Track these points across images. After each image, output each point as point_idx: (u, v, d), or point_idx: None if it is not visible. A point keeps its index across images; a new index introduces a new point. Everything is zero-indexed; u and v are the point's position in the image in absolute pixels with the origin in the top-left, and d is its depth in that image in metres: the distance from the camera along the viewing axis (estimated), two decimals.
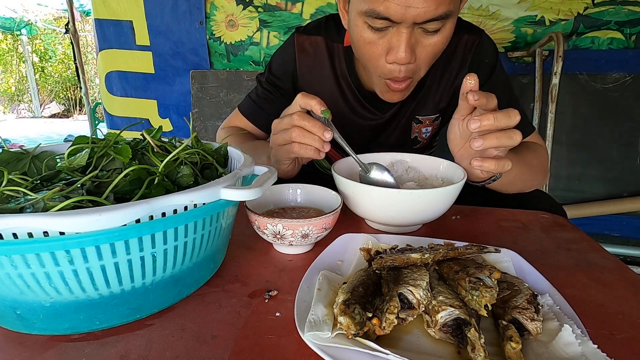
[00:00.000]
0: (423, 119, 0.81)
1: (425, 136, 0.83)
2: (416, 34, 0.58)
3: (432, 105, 0.79)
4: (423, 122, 0.81)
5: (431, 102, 0.78)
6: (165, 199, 0.31)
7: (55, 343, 0.33)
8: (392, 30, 0.58)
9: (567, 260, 0.47)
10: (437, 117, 0.81)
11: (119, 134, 0.45)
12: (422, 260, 0.38)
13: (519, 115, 0.49)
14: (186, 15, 1.86)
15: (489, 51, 0.75)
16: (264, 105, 0.84)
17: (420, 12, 0.53)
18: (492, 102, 0.49)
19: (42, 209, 0.31)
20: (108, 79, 2.03)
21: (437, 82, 0.77)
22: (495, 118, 0.47)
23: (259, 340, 0.33)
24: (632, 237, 1.63)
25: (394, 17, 0.55)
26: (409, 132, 0.82)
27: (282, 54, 0.83)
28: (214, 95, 1.90)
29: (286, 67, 0.82)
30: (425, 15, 0.54)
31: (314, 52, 0.79)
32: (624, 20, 1.52)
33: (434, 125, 0.82)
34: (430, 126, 0.82)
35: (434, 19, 0.55)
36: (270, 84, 0.84)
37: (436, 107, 0.79)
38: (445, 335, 0.31)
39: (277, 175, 0.44)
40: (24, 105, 7.86)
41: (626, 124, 1.56)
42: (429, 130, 0.83)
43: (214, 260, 0.43)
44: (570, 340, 0.29)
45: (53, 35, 7.77)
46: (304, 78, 0.81)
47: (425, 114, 0.80)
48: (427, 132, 0.83)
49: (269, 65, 0.85)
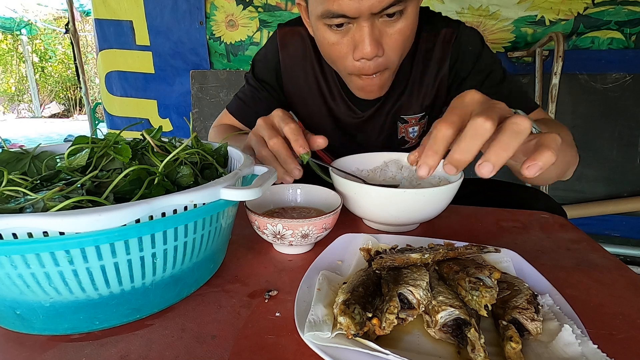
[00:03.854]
0: (408, 119, 0.79)
1: (412, 136, 0.82)
2: (378, 24, 0.57)
3: (417, 104, 0.77)
4: (409, 122, 0.80)
5: (415, 101, 0.77)
6: (165, 199, 0.31)
7: (55, 343, 0.33)
8: (353, 27, 0.57)
9: (567, 260, 0.47)
10: (422, 115, 0.79)
11: (119, 134, 0.45)
12: (422, 260, 0.38)
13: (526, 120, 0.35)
14: (186, 15, 1.86)
15: (471, 39, 0.72)
16: (251, 103, 0.83)
17: (373, 1, 0.53)
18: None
19: (42, 209, 0.31)
20: (108, 79, 2.03)
21: (419, 80, 0.75)
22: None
23: (259, 340, 0.33)
24: (632, 237, 1.63)
25: (349, 12, 0.54)
26: (395, 132, 0.81)
27: (264, 50, 0.82)
28: (214, 95, 1.90)
29: (269, 64, 0.81)
30: (380, 4, 0.53)
31: (297, 44, 0.78)
32: (624, 20, 1.52)
33: (421, 124, 0.81)
34: (416, 125, 0.80)
35: (392, 4, 0.54)
36: (257, 80, 0.83)
37: (421, 106, 0.77)
38: (445, 336, 0.31)
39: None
40: (24, 105, 7.86)
41: (626, 124, 1.56)
42: (416, 130, 0.81)
43: (214, 260, 0.43)
44: (570, 340, 0.29)
45: (53, 35, 7.77)
46: (287, 73, 0.80)
47: (410, 113, 0.78)
48: (414, 132, 0.81)
49: (253, 62, 0.84)
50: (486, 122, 0.33)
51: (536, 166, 0.33)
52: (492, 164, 0.33)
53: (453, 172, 0.35)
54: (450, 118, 0.36)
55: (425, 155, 0.37)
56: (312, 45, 0.77)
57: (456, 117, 0.36)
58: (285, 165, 0.54)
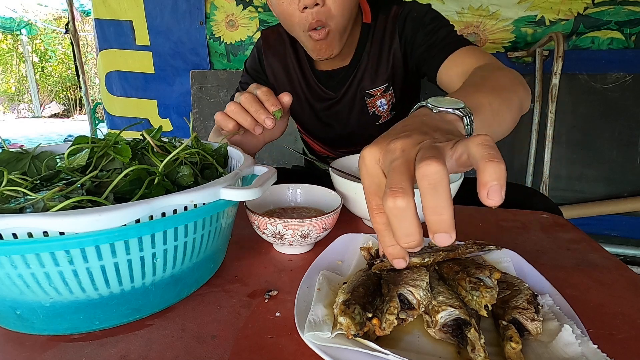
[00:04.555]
0: (373, 92, 0.84)
1: (382, 110, 0.87)
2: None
3: (377, 77, 0.83)
4: (374, 95, 0.85)
5: (375, 75, 0.82)
6: (165, 199, 0.31)
7: (55, 343, 0.33)
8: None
9: (567, 260, 0.47)
10: (386, 87, 0.84)
11: (119, 134, 0.45)
12: (422, 264, 0.38)
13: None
14: (186, 15, 1.86)
15: (415, 8, 0.77)
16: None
17: None
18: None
19: (42, 209, 0.31)
20: (108, 79, 2.03)
21: (377, 55, 0.81)
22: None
23: (259, 340, 0.33)
24: (632, 237, 1.63)
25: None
26: (365, 108, 0.86)
27: (252, 52, 0.92)
28: (214, 95, 1.90)
29: (255, 64, 0.90)
30: None
31: (277, 41, 0.86)
32: (624, 20, 1.52)
33: (387, 95, 0.85)
34: (383, 97, 0.85)
35: None
36: (250, 76, 0.91)
37: (382, 78, 0.83)
38: (445, 336, 0.31)
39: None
40: (24, 105, 7.86)
41: (626, 124, 1.56)
42: (384, 102, 0.86)
43: (214, 260, 0.43)
44: (570, 340, 0.29)
45: (53, 35, 7.77)
46: (270, 68, 0.88)
47: (373, 86, 0.84)
48: (383, 105, 0.86)
49: (245, 66, 0.94)
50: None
51: (494, 189, 0.23)
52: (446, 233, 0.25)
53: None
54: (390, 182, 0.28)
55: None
56: (289, 40, 0.85)
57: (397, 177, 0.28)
58: (257, 114, 0.57)
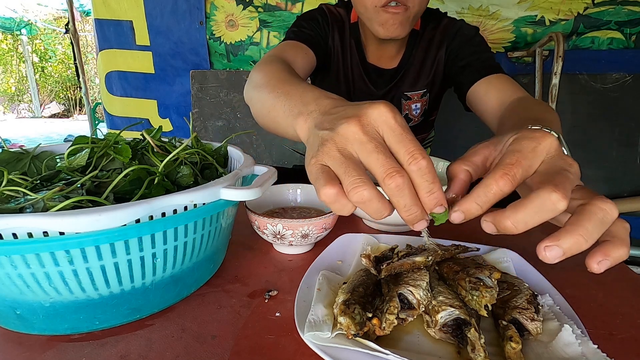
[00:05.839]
0: (411, 95, 0.87)
1: (415, 114, 0.89)
2: None
3: (419, 81, 0.85)
4: (412, 98, 0.87)
5: (416, 79, 0.85)
6: (165, 199, 0.31)
7: (55, 343, 0.33)
8: None
9: (567, 260, 0.47)
10: (424, 92, 0.86)
11: (119, 134, 0.45)
12: (426, 263, 0.38)
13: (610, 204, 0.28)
14: (186, 15, 1.86)
15: (465, 27, 0.80)
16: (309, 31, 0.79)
17: None
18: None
19: (42, 209, 0.31)
20: (108, 79, 2.03)
21: (422, 60, 0.83)
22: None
23: (259, 340, 0.33)
24: (632, 237, 1.62)
25: None
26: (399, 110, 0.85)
27: (311, 15, 0.82)
28: (214, 95, 1.90)
29: (319, 25, 0.80)
30: None
31: (338, 19, 0.84)
32: (624, 20, 1.52)
33: (422, 101, 0.88)
34: (419, 102, 0.88)
35: None
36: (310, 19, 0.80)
37: (422, 83, 0.85)
38: (445, 335, 0.31)
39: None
40: (24, 105, 7.86)
41: (626, 124, 1.56)
42: (418, 106, 0.88)
43: (214, 260, 0.43)
44: (570, 340, 0.29)
45: (53, 35, 7.77)
46: (332, 39, 0.83)
47: (413, 90, 0.86)
48: (417, 109, 0.88)
49: (298, 20, 0.81)
50: (561, 201, 0.25)
51: (607, 263, 0.26)
52: (564, 252, 0.26)
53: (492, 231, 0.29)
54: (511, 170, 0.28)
55: (468, 203, 0.30)
56: (349, 26, 0.83)
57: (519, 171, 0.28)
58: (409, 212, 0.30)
